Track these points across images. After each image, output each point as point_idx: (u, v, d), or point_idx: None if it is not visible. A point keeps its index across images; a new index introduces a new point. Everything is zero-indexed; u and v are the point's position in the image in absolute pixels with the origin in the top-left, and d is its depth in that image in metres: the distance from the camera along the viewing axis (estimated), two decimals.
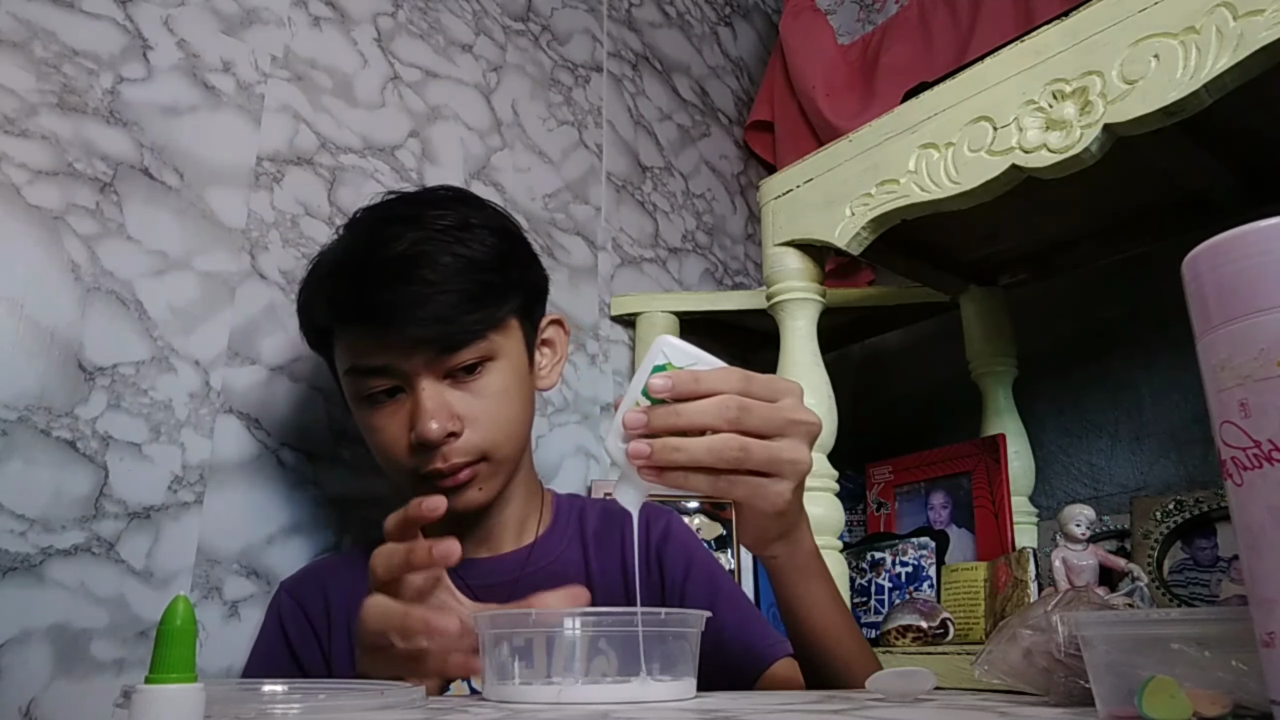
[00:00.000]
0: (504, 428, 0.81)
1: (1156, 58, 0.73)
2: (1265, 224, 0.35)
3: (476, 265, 0.79)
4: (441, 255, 0.77)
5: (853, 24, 1.58)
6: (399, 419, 0.79)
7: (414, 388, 0.78)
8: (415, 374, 0.78)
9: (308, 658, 0.84)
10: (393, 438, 0.79)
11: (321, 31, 1.12)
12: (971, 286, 1.23)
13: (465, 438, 0.78)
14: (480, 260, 0.79)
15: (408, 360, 0.77)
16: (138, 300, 0.91)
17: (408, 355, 0.77)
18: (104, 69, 0.93)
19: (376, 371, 0.78)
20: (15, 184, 0.86)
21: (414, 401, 0.78)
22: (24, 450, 0.82)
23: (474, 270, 0.79)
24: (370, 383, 0.79)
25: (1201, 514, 0.94)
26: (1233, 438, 0.35)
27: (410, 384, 0.78)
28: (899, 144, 0.91)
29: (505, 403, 0.81)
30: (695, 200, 1.56)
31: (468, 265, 0.78)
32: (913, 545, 1.09)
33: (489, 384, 0.80)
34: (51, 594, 0.81)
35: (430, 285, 0.76)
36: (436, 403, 0.77)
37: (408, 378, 0.78)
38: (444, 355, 0.77)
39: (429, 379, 0.78)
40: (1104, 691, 0.43)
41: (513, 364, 0.83)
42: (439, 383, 0.78)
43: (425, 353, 0.77)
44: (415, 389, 0.78)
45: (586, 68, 1.44)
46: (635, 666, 0.51)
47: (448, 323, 0.76)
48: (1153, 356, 1.19)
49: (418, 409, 0.77)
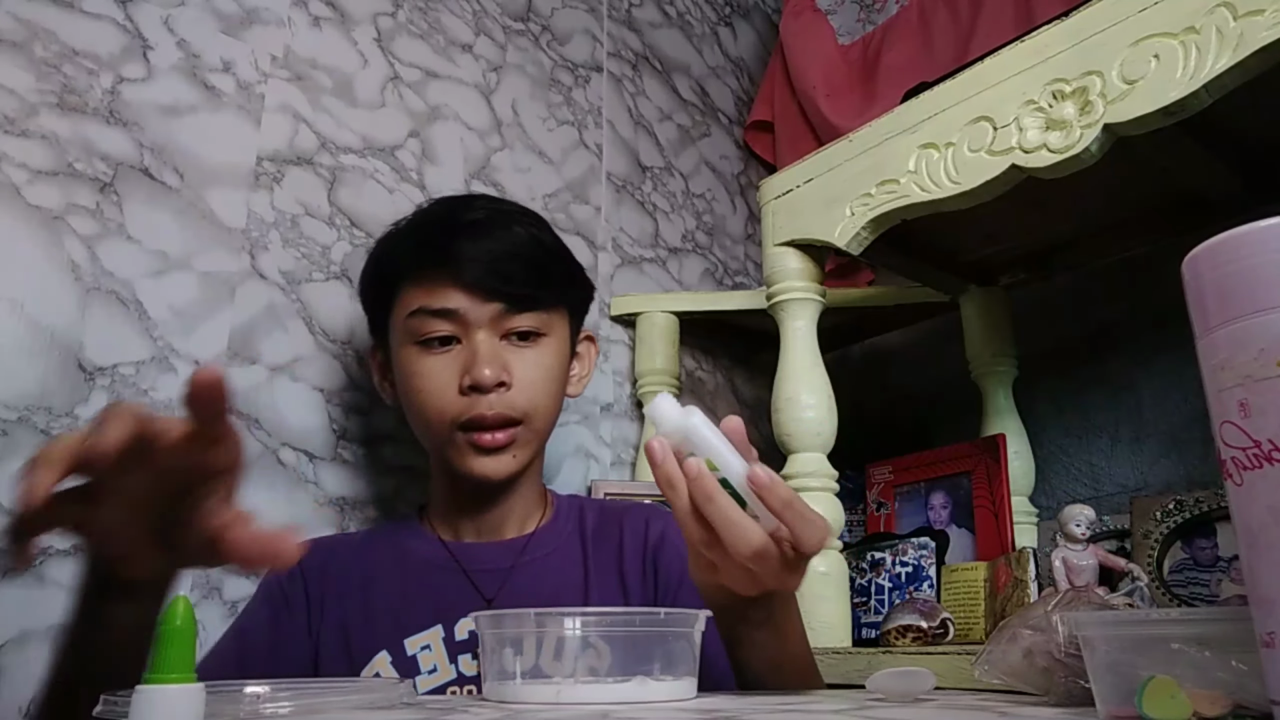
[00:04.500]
0: (544, 398, 0.86)
1: (1156, 58, 0.73)
2: (1265, 224, 0.35)
3: (545, 246, 0.88)
4: (515, 226, 0.87)
5: (853, 24, 1.58)
6: (451, 367, 0.83)
7: (471, 338, 0.83)
8: (478, 325, 0.83)
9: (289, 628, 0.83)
10: (442, 383, 0.83)
11: (321, 31, 1.12)
12: (971, 286, 1.23)
13: (512, 394, 0.83)
14: (547, 244, 0.89)
15: (476, 308, 0.83)
16: (138, 300, 0.91)
17: (477, 304, 0.83)
18: (104, 69, 0.93)
19: (443, 314, 0.83)
20: (15, 184, 0.86)
21: (470, 349, 0.83)
22: (24, 450, 0.82)
23: (542, 249, 0.88)
24: (432, 325, 0.83)
25: (1201, 514, 0.94)
26: (1233, 438, 0.35)
27: (468, 334, 0.83)
28: (899, 144, 0.91)
29: (549, 378, 0.87)
30: (695, 200, 1.56)
31: (538, 244, 0.88)
32: (913, 545, 1.09)
33: (539, 356, 0.86)
34: (52, 594, 0.81)
35: (509, 245, 0.84)
36: (493, 352, 0.83)
37: (469, 328, 0.83)
38: (509, 313, 0.84)
39: (487, 332, 0.83)
40: (1104, 691, 0.43)
41: (558, 350, 0.89)
42: (495, 339, 0.84)
43: (495, 305, 0.83)
44: (472, 338, 0.83)
45: (586, 68, 1.44)
46: (635, 666, 0.51)
47: (521, 283, 0.84)
48: (1153, 356, 1.19)
49: (475, 355, 0.82)
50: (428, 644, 0.81)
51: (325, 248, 1.07)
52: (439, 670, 0.80)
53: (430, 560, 0.86)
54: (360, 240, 1.10)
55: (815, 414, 0.98)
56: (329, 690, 0.48)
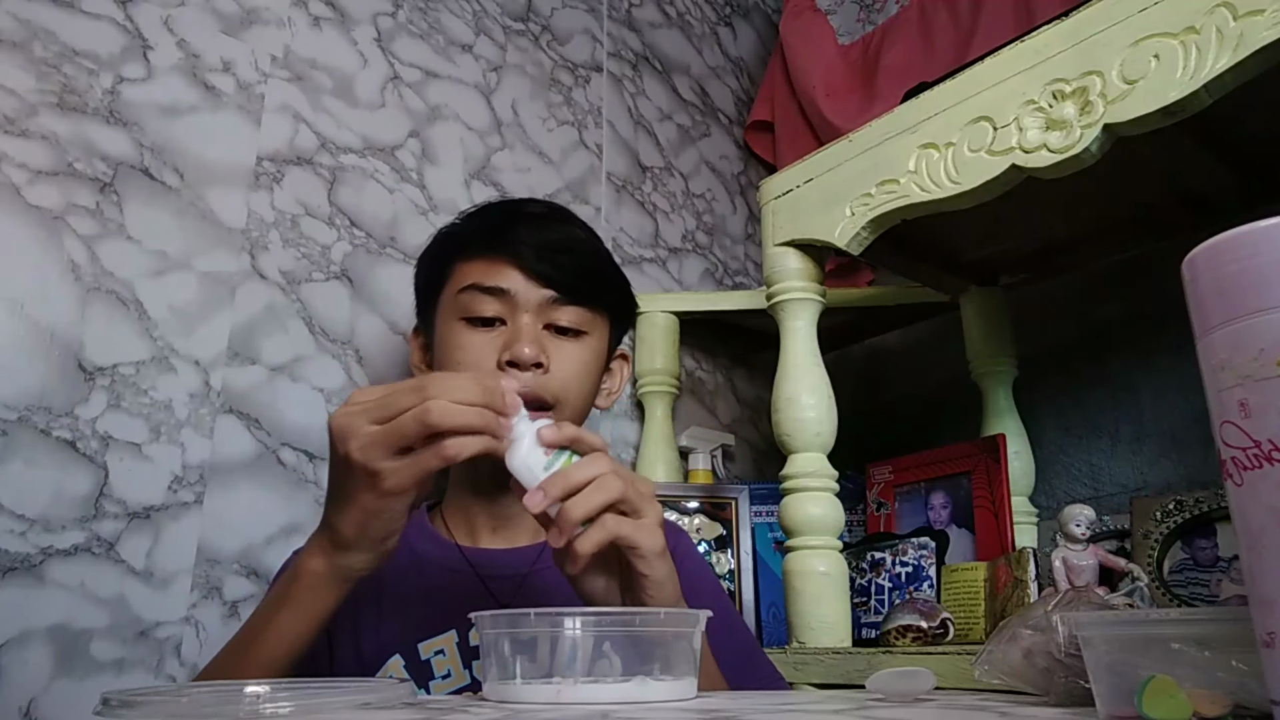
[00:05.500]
0: (577, 391, 0.87)
1: (1156, 58, 0.73)
2: (1265, 224, 0.35)
3: (597, 249, 0.92)
4: (573, 226, 0.91)
5: (853, 24, 1.58)
6: (492, 344, 0.85)
7: (516, 320, 0.85)
8: (525, 308, 0.85)
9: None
10: (481, 357, 0.84)
11: (321, 31, 1.12)
12: (971, 286, 1.23)
13: (547, 378, 0.84)
14: (600, 249, 0.93)
15: (527, 290, 0.85)
16: (138, 300, 0.91)
17: (529, 286, 0.85)
18: (104, 69, 0.93)
19: (494, 293, 0.85)
20: (15, 184, 0.86)
21: (514, 329, 0.84)
22: (24, 450, 0.82)
23: (595, 250, 0.91)
24: (482, 303, 0.85)
25: (1201, 514, 0.94)
26: (1233, 438, 0.35)
27: (514, 316, 0.85)
28: (899, 144, 0.91)
29: (584, 373, 0.88)
30: (695, 200, 1.56)
31: (592, 244, 0.91)
32: (913, 545, 1.09)
33: (577, 350, 0.87)
34: (51, 594, 0.81)
35: (567, 239, 0.88)
36: (534, 334, 0.85)
37: (516, 310, 0.85)
38: (556, 302, 0.85)
39: (532, 317, 0.85)
40: (1104, 691, 0.43)
41: (596, 350, 0.90)
42: (539, 326, 0.86)
43: (545, 291, 0.85)
44: (517, 320, 0.85)
45: (586, 68, 1.44)
46: (635, 666, 0.51)
47: (572, 273, 0.86)
48: (1153, 356, 1.19)
49: (518, 334, 0.83)
50: (441, 649, 0.80)
51: (325, 248, 1.07)
52: (453, 675, 0.79)
53: (444, 564, 0.85)
54: (360, 240, 1.10)
55: (815, 414, 0.98)
56: (329, 690, 0.48)
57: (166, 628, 0.87)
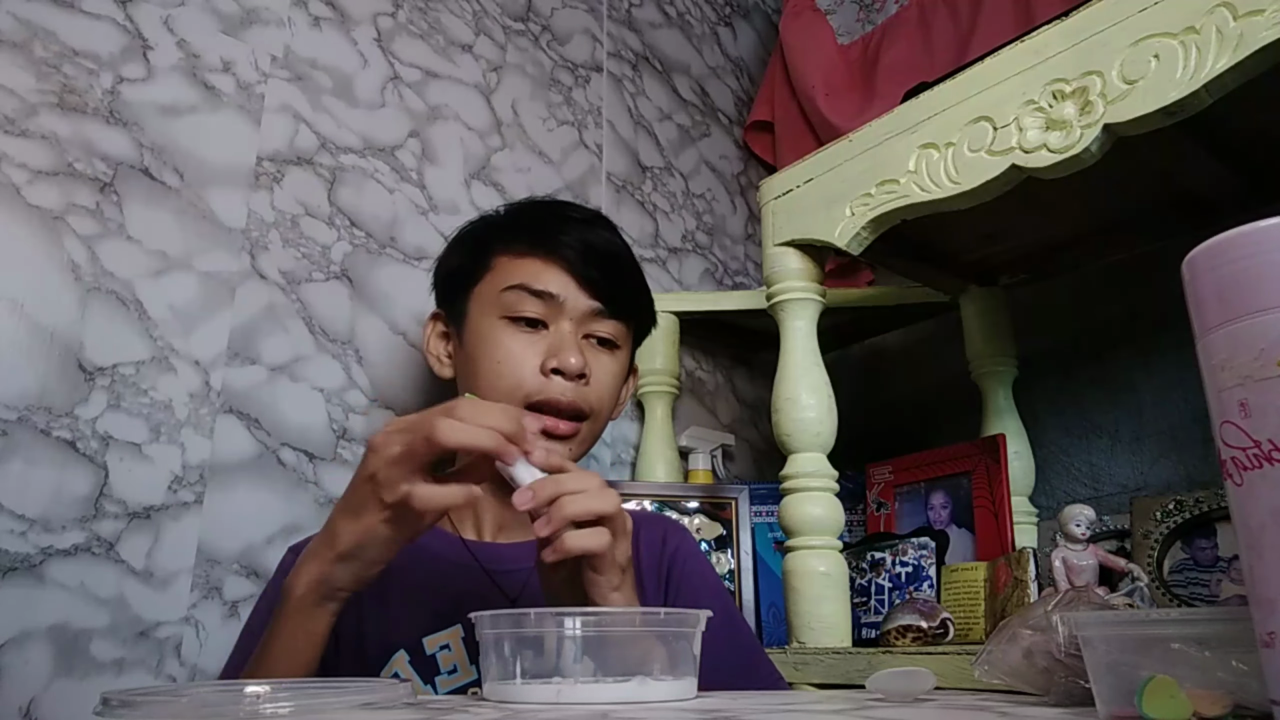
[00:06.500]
0: (608, 404, 0.89)
1: (1156, 58, 0.73)
2: (1265, 224, 0.35)
3: (634, 261, 0.93)
4: (615, 235, 0.91)
5: (853, 24, 1.58)
6: (534, 347, 0.85)
7: (558, 326, 0.85)
8: (570, 315, 0.86)
9: None
10: (523, 358, 0.84)
11: (321, 31, 1.12)
12: (971, 286, 1.23)
13: (588, 389, 0.85)
14: (636, 262, 0.93)
15: (575, 297, 0.86)
16: (138, 300, 0.91)
17: (578, 294, 0.86)
18: (104, 69, 0.93)
19: (542, 296, 0.85)
20: (15, 184, 0.86)
21: (557, 336, 0.85)
22: (24, 450, 0.82)
23: (634, 263, 0.92)
24: (527, 305, 0.85)
25: (1201, 514, 0.94)
26: (1233, 438, 0.35)
27: (556, 322, 0.86)
28: (899, 144, 0.91)
29: (615, 387, 0.90)
30: (695, 200, 1.56)
31: (631, 258, 0.92)
32: (913, 545, 1.09)
33: (609, 364, 0.89)
34: (51, 594, 0.81)
35: (614, 249, 0.89)
36: (578, 344, 0.86)
37: (559, 316, 0.85)
38: (599, 315, 0.87)
39: (574, 326, 0.86)
40: (1104, 691, 0.43)
41: (623, 364, 0.91)
42: (579, 335, 0.86)
43: (592, 302, 0.86)
44: (560, 327, 0.85)
45: (586, 68, 1.44)
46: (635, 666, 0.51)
47: (618, 284, 0.88)
48: (1153, 356, 1.19)
49: (564, 342, 0.84)
50: (447, 643, 0.80)
51: (325, 248, 1.07)
52: (459, 671, 0.79)
53: (450, 558, 0.85)
54: (360, 240, 1.10)
55: (815, 414, 0.98)
56: (329, 690, 0.48)
57: (166, 628, 0.87)
